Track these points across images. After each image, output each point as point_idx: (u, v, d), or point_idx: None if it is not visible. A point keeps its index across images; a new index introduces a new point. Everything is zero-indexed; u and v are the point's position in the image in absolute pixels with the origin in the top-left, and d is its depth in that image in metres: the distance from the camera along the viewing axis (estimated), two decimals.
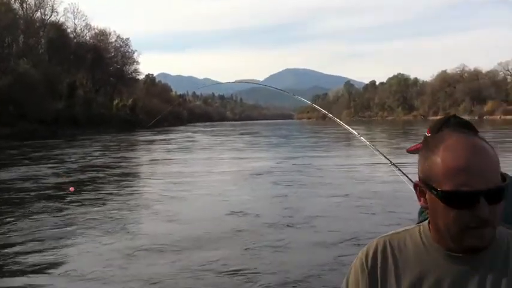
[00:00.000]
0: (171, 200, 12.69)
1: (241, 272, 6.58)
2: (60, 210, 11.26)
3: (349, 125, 4.20)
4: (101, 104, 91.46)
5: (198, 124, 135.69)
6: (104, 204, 12.11)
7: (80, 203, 12.15)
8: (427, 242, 1.38)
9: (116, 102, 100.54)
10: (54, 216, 10.49)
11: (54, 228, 9.38)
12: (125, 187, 15.34)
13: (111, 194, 13.79)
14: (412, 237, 1.42)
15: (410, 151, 2.48)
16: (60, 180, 12.76)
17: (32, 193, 13.83)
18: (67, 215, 10.70)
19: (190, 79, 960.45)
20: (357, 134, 4.04)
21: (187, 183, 15.86)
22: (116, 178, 17.46)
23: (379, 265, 1.44)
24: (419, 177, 1.35)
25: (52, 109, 66.45)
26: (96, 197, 13.18)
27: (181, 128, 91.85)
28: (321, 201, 12.05)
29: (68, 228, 9.39)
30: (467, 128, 2.36)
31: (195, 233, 8.88)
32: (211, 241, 8.31)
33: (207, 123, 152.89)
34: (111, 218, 10.38)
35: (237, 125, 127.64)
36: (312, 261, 7.03)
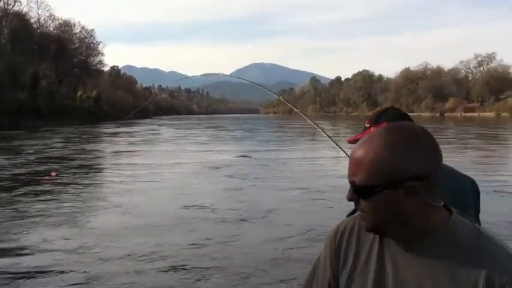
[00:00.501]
0: (126, 192, 12.52)
1: (188, 267, 6.49)
2: (13, 202, 10.99)
3: (314, 120, 4.15)
4: (64, 95, 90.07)
5: (164, 117, 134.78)
6: (58, 196, 11.88)
7: (34, 195, 11.89)
8: None
9: (79, 93, 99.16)
10: (4, 208, 10.24)
11: (3, 221, 9.15)
12: (82, 178, 15.06)
13: (67, 185, 13.53)
14: None
15: (351, 141, 2.45)
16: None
17: None
18: (19, 207, 10.44)
19: (156, 72, 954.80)
20: (318, 128, 4.01)
21: (146, 175, 15.70)
22: (73, 170, 17.11)
23: (344, 244, 1.49)
24: None
25: (14, 100, 65.19)
26: (51, 188, 12.93)
27: (147, 121, 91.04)
28: (279, 195, 12.03)
29: (17, 221, 9.16)
30: (404, 119, 2.36)
31: (146, 226, 8.77)
32: (161, 235, 8.20)
33: (173, 117, 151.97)
34: (63, 210, 10.18)
35: (203, 119, 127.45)
36: (261, 256, 7.00)
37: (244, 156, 22.10)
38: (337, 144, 3.67)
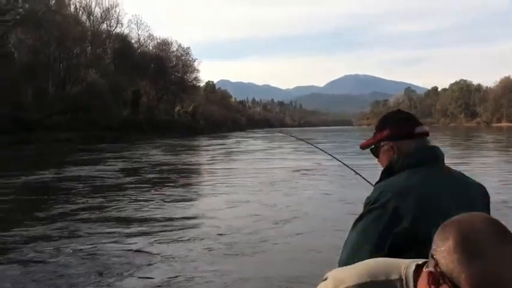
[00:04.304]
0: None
1: None
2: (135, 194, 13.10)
3: None
4: (163, 110, 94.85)
5: (257, 130, 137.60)
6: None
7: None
8: None
9: (177, 109, 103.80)
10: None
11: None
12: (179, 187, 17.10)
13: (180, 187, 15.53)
14: None
15: (363, 146, 2.41)
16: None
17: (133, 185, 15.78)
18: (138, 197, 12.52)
19: (250, 85, 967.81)
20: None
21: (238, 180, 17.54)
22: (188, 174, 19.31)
23: None
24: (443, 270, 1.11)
25: (118, 116, 70.03)
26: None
27: (242, 133, 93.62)
28: None
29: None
30: (407, 122, 2.26)
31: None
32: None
33: (266, 130, 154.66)
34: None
35: (295, 131, 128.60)
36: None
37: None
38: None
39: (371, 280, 1.23)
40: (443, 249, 1.13)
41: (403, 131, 2.20)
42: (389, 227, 1.92)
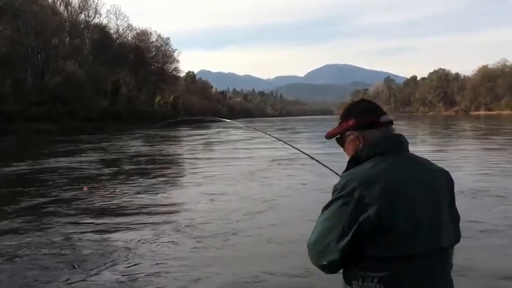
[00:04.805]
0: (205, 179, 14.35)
1: None
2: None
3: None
4: (143, 101, 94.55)
5: (237, 120, 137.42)
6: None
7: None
8: None
9: (157, 99, 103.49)
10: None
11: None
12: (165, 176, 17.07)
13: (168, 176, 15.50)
14: None
15: (328, 136, 2.45)
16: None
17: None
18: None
19: (231, 76, 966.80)
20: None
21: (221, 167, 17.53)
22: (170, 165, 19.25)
23: None
24: None
25: (98, 107, 69.60)
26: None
27: (220, 124, 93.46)
28: None
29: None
30: (371, 113, 2.28)
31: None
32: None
33: (247, 119, 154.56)
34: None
35: (276, 121, 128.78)
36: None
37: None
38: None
39: None
40: None
41: (368, 120, 2.22)
42: (355, 214, 1.97)
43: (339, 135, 2.36)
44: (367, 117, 2.23)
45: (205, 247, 7.52)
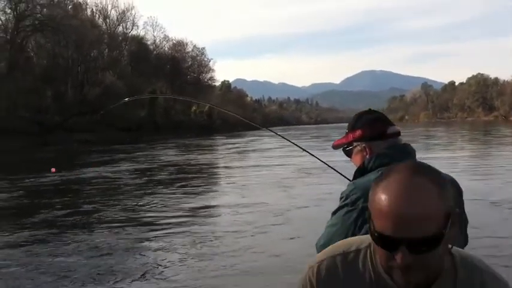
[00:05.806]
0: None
1: None
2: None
3: (427, 127, 3.43)
4: (179, 111, 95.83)
5: (272, 128, 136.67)
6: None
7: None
8: (376, 271, 1.30)
9: (193, 109, 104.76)
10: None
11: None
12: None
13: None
14: (364, 262, 1.34)
15: (335, 146, 2.42)
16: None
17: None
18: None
19: (266, 84, 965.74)
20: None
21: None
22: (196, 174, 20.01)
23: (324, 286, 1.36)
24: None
25: (135, 117, 71.08)
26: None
27: (255, 132, 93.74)
28: None
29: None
30: (381, 122, 2.29)
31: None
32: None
33: (282, 127, 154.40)
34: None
35: (311, 129, 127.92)
36: None
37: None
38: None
39: (343, 251, 1.38)
40: None
41: (375, 131, 2.25)
42: (358, 223, 2.06)
43: (346, 146, 2.38)
44: (374, 129, 2.25)
45: (232, 265, 7.38)
